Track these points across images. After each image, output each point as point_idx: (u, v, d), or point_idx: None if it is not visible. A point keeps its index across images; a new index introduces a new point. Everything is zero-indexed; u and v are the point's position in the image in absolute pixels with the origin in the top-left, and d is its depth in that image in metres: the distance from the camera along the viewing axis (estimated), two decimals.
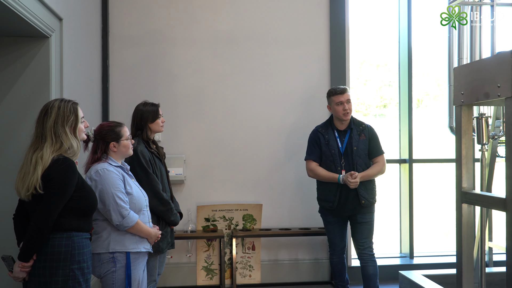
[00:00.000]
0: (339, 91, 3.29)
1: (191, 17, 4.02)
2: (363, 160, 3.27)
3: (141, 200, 2.43)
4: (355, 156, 3.25)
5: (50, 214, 1.89)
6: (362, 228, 3.29)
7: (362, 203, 3.23)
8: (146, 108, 2.86)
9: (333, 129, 3.34)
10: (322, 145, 3.32)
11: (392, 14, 4.51)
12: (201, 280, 3.97)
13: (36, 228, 1.87)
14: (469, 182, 2.29)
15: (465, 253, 2.26)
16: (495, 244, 3.88)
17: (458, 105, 2.26)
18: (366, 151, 3.29)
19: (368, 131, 3.33)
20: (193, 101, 4.01)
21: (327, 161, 3.30)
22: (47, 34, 2.62)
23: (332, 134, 3.32)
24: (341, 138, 3.31)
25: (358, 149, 3.26)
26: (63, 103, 2.02)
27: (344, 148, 3.28)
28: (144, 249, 2.40)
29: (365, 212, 3.28)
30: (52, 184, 1.90)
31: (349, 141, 3.28)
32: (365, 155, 3.28)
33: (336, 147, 3.29)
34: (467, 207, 2.26)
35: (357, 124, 3.34)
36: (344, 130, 3.32)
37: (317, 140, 3.35)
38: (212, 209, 3.97)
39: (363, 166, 3.26)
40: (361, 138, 3.28)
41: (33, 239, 1.88)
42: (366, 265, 3.30)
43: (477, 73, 2.12)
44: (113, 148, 2.38)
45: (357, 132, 3.29)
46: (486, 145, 2.94)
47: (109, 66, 3.91)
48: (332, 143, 3.29)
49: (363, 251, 3.31)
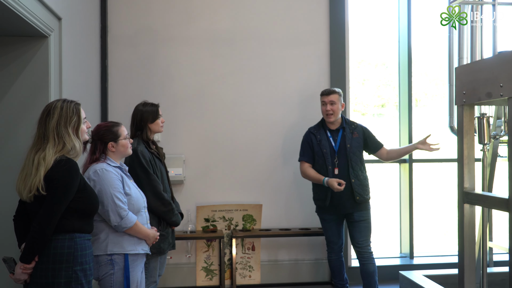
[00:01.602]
0: (325, 92, 3.42)
1: (190, 17, 4.01)
2: (358, 157, 3.34)
3: (140, 201, 2.42)
4: (349, 154, 3.32)
5: (53, 215, 1.87)
6: (360, 227, 3.33)
7: (357, 199, 3.28)
8: (146, 108, 2.84)
9: (325, 129, 3.43)
10: (314, 146, 3.41)
11: (391, 14, 4.51)
12: (200, 281, 3.95)
13: (38, 229, 1.85)
14: (471, 182, 2.28)
15: (467, 253, 2.26)
16: (496, 244, 3.87)
17: (459, 105, 2.26)
18: (360, 149, 3.37)
19: (361, 129, 3.43)
20: (192, 101, 4.00)
21: (320, 161, 3.38)
22: (46, 34, 2.60)
23: (324, 134, 3.41)
24: (334, 137, 3.40)
25: (352, 146, 3.34)
26: (65, 104, 2.01)
27: (338, 147, 3.36)
28: (143, 251, 2.38)
29: (361, 209, 3.33)
30: (55, 185, 1.89)
31: (342, 139, 3.37)
32: (359, 152, 3.36)
33: (328, 146, 3.36)
34: (469, 207, 2.26)
35: (349, 124, 3.44)
36: (336, 130, 3.41)
37: (309, 141, 3.45)
38: (211, 210, 3.95)
39: (358, 163, 3.33)
40: (354, 136, 3.38)
41: (35, 240, 1.86)
42: (366, 263, 3.33)
43: (479, 72, 2.12)
44: (111, 148, 2.37)
45: (350, 131, 3.39)
46: (487, 145, 2.94)
47: (108, 66, 3.89)
48: (324, 143, 3.37)
49: (362, 249, 3.33)
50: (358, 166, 3.33)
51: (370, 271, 3.32)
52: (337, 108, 3.36)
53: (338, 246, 3.46)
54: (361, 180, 3.33)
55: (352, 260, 4.12)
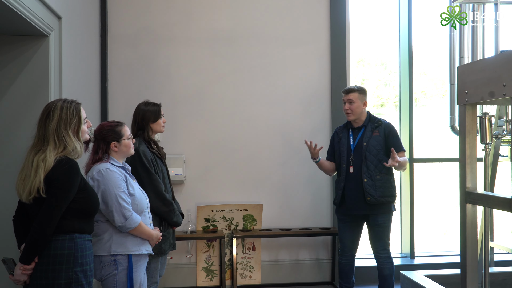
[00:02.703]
0: (344, 90, 3.37)
1: (190, 16, 3.99)
2: (375, 156, 3.20)
3: (143, 202, 2.40)
4: (365, 152, 3.21)
5: (53, 215, 1.85)
6: (375, 231, 3.25)
7: (367, 199, 3.16)
8: (148, 107, 2.82)
9: (349, 127, 3.37)
10: (335, 144, 3.41)
11: (391, 13, 4.50)
12: (201, 281, 3.94)
13: (39, 229, 1.83)
14: (473, 182, 2.27)
15: (469, 254, 2.25)
16: (496, 244, 3.87)
17: (462, 104, 2.24)
18: (378, 147, 3.22)
19: (384, 128, 3.27)
20: (192, 100, 3.98)
21: (338, 159, 3.38)
22: (46, 33, 2.59)
23: (346, 132, 3.37)
24: (355, 135, 3.32)
25: (368, 144, 3.22)
26: (65, 104, 1.98)
27: (355, 145, 3.28)
28: (146, 251, 2.37)
29: (377, 213, 3.20)
30: (56, 185, 1.87)
31: (361, 138, 3.28)
32: (377, 151, 3.21)
33: (346, 145, 3.31)
34: (471, 207, 2.24)
35: (373, 121, 3.31)
36: (358, 128, 3.32)
37: (333, 139, 3.47)
38: (212, 210, 3.94)
39: (375, 162, 3.20)
40: (374, 134, 3.25)
41: (35, 241, 1.84)
42: (381, 266, 3.29)
43: (482, 72, 2.10)
44: (114, 148, 2.35)
45: (371, 129, 3.27)
46: (489, 145, 2.93)
47: (108, 65, 3.87)
48: (343, 141, 3.34)
49: (378, 253, 3.29)
50: (374, 166, 3.19)
51: (384, 274, 3.28)
52: (356, 107, 3.26)
53: (349, 249, 3.35)
54: (376, 181, 3.17)
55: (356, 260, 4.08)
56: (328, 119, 4.08)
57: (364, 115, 3.32)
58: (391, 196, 3.22)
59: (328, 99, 4.09)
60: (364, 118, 3.32)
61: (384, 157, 3.20)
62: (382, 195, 3.17)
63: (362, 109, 3.30)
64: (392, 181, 3.26)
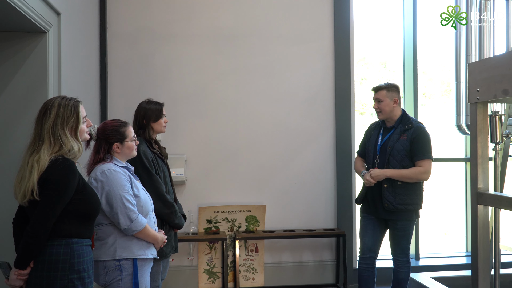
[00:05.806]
0: (372, 89, 3.20)
1: (191, 13, 3.92)
2: (399, 161, 3.01)
3: (148, 203, 2.32)
4: (388, 156, 3.04)
5: (47, 218, 1.76)
6: (395, 235, 3.11)
7: (385, 206, 3.01)
8: (149, 106, 2.75)
9: (382, 126, 3.20)
10: (366, 141, 3.27)
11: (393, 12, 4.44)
12: (203, 284, 3.87)
13: (32, 233, 1.74)
14: (485, 183, 2.20)
15: (481, 255, 2.18)
16: (503, 245, 3.81)
17: (473, 103, 2.18)
18: (403, 152, 3.01)
19: (413, 132, 3.03)
20: (194, 100, 3.91)
21: (367, 157, 3.23)
22: (44, 29, 2.52)
23: (378, 130, 3.20)
24: (384, 136, 3.14)
25: (392, 148, 3.03)
26: (64, 102, 1.89)
27: (381, 146, 3.12)
28: (151, 255, 2.28)
29: (396, 218, 3.03)
30: (49, 186, 1.77)
31: (387, 140, 3.09)
32: (402, 156, 3.01)
33: (374, 144, 3.16)
34: (483, 208, 2.18)
35: (404, 123, 3.09)
36: (389, 128, 3.14)
37: (365, 135, 3.31)
38: (214, 211, 3.87)
39: (398, 167, 3.01)
40: (401, 137, 3.03)
41: (28, 245, 1.75)
42: (398, 269, 3.17)
43: (494, 69, 2.04)
44: (116, 149, 2.27)
45: (400, 131, 3.06)
46: (500, 144, 2.87)
47: (107, 64, 3.80)
48: (372, 140, 3.19)
49: (395, 257, 3.18)
50: None
51: (399, 277, 3.17)
52: (385, 105, 3.07)
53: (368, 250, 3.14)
54: (397, 187, 2.98)
55: (355, 261, 4.04)
56: (332, 119, 4.02)
57: (396, 114, 3.11)
58: (413, 204, 3.03)
59: (332, 98, 4.02)
60: (396, 118, 3.11)
61: (409, 164, 3.01)
62: (402, 203, 3.00)
63: (393, 107, 3.08)
64: (417, 189, 3.06)
